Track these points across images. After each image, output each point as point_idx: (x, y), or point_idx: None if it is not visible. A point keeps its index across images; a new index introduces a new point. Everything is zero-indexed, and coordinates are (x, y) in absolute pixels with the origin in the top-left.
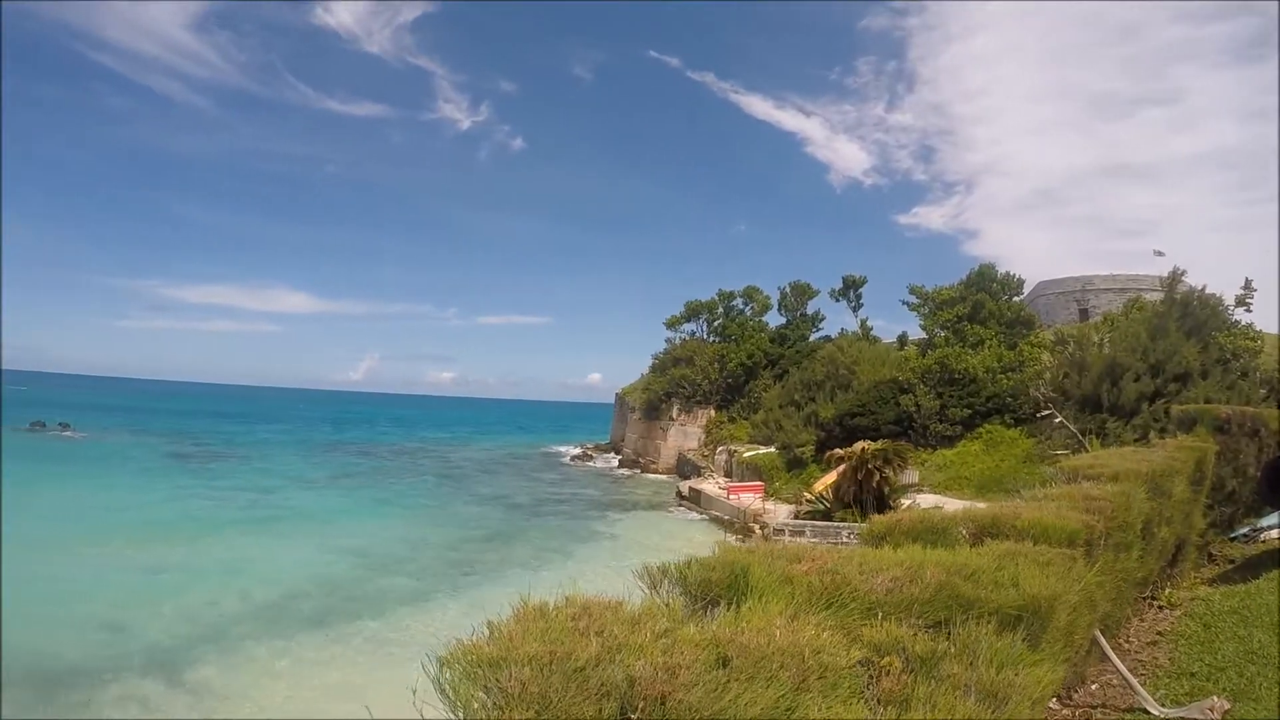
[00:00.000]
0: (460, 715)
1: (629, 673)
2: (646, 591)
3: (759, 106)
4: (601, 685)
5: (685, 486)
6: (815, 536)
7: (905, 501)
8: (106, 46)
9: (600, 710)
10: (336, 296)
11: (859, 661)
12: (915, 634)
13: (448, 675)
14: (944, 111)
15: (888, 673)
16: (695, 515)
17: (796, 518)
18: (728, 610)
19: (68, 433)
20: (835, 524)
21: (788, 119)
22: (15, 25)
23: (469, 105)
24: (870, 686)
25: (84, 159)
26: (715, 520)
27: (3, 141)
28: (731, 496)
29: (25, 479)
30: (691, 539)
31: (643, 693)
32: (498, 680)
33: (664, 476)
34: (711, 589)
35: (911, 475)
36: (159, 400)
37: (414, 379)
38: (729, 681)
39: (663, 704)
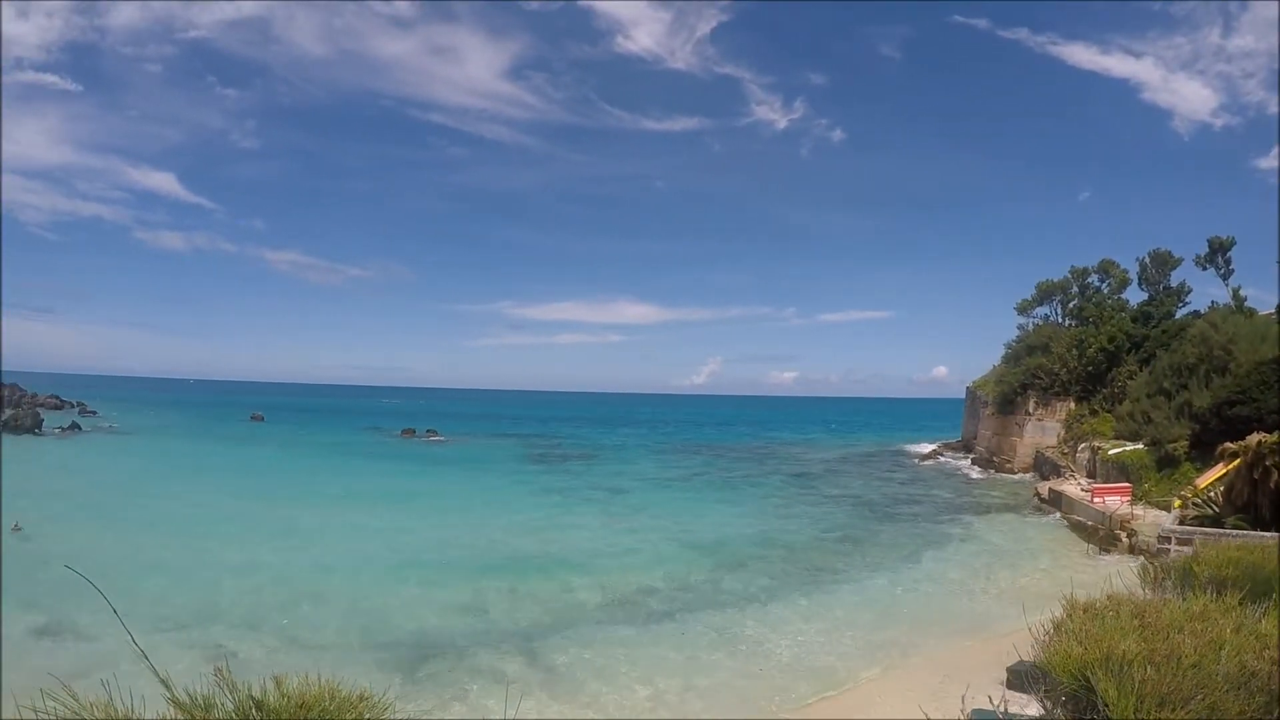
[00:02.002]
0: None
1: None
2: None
3: (1081, 55)
4: (1228, 679)
5: (1044, 488)
6: None
7: None
8: (435, 106)
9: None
10: (677, 305)
11: None
12: None
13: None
14: None
15: None
16: (1055, 520)
17: (1181, 523)
18: None
19: (435, 438)
20: (1233, 532)
21: (1115, 64)
22: (370, 104)
23: (782, 105)
24: None
25: (436, 205)
26: (1077, 526)
27: None
28: (1096, 500)
29: (395, 478)
30: (1052, 547)
31: None
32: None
33: (1020, 476)
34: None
35: None
36: (514, 408)
37: (756, 380)
38: None
39: None
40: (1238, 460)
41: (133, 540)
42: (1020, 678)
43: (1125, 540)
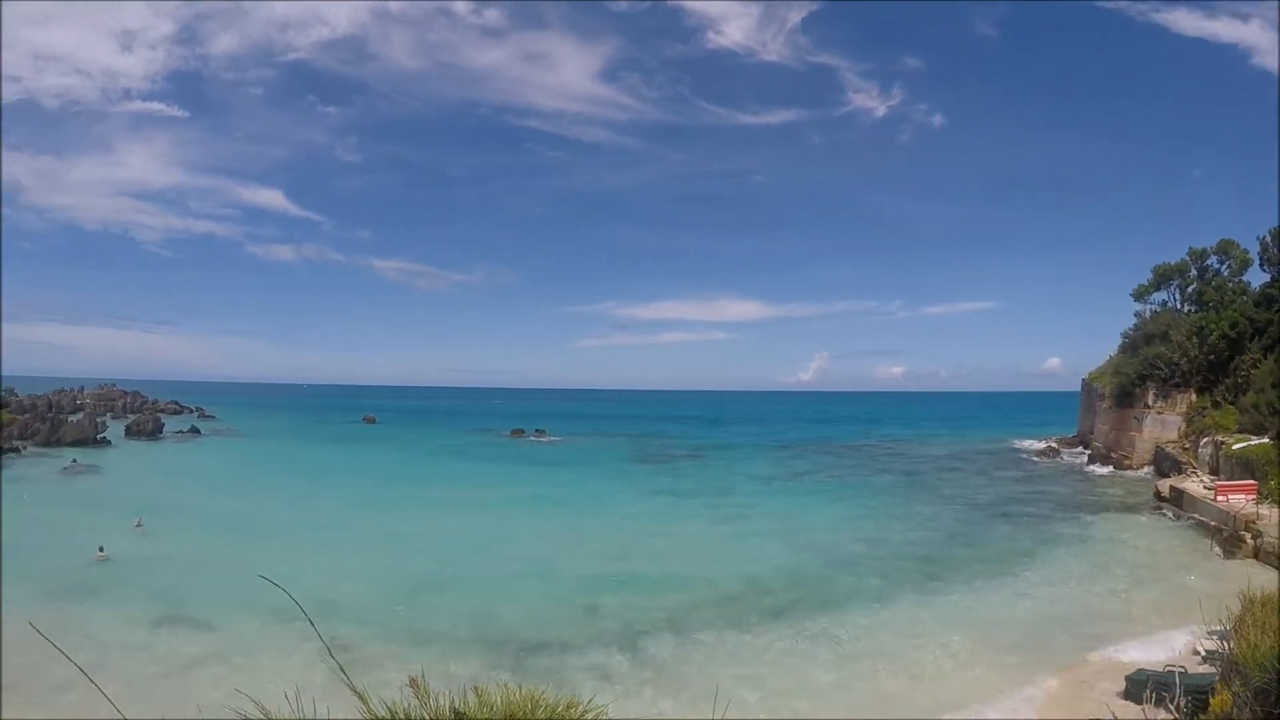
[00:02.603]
0: None
1: None
2: None
3: (1186, 21)
4: None
5: (1164, 485)
6: None
7: None
8: (532, 112)
9: None
10: (782, 301)
11: None
12: None
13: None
14: None
15: None
16: (1176, 519)
17: None
18: None
19: (544, 438)
20: None
21: (1222, 29)
22: (467, 114)
23: (879, 91)
24: None
25: (539, 209)
26: (1200, 526)
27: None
28: (1219, 498)
29: (504, 477)
30: (1173, 549)
31: None
32: None
33: (1139, 473)
34: None
35: None
36: (620, 407)
37: (864, 376)
38: None
39: None
40: None
41: (249, 537)
42: (1139, 686)
43: (1250, 542)
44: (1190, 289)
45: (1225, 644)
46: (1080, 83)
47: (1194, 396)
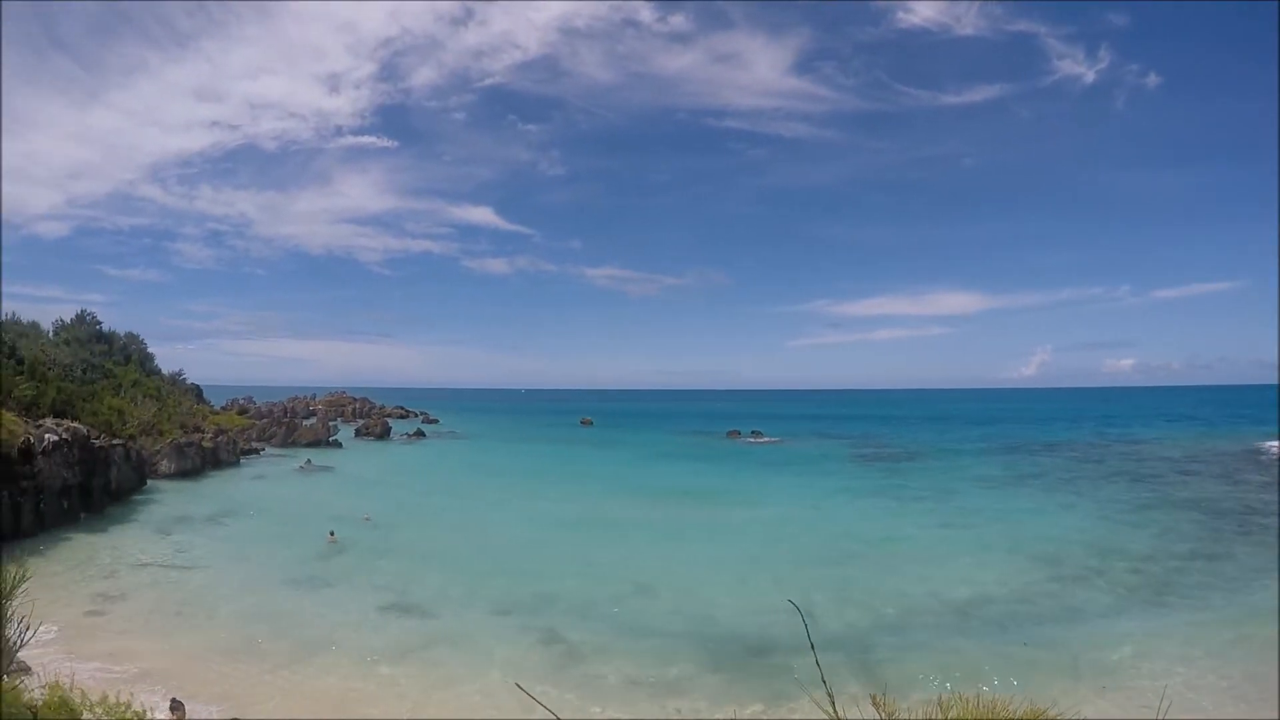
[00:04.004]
0: None
1: None
2: None
3: None
4: None
5: None
6: None
7: None
8: (729, 113)
9: None
10: (999, 291)
11: None
12: None
13: None
14: None
15: None
16: None
17: None
18: None
19: (759, 439)
20: None
21: None
22: (665, 119)
23: (1085, 55)
24: None
25: (745, 209)
26: None
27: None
28: None
29: (720, 478)
30: None
31: None
32: None
33: None
34: None
35: None
36: (835, 407)
37: (1090, 370)
38: None
39: None
40: None
41: (471, 530)
42: None
43: None
44: None
45: None
46: None
47: None
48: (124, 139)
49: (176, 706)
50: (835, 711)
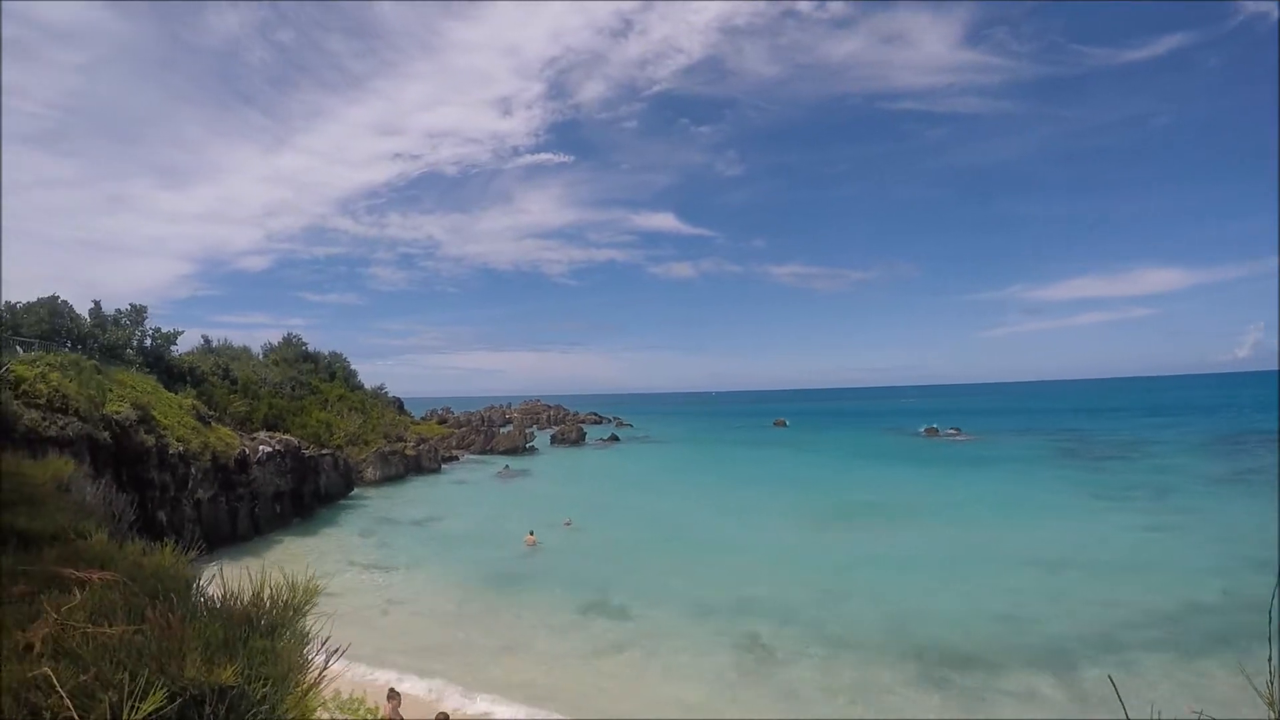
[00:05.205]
0: None
1: None
2: None
3: None
4: None
5: None
6: None
7: None
8: (902, 94)
9: None
10: (1205, 263)
11: None
12: None
13: None
14: None
15: None
16: None
17: None
18: None
19: (958, 436)
20: None
21: None
22: (836, 108)
23: None
24: None
25: (927, 193)
26: None
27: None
28: None
29: (921, 478)
30: None
31: None
32: None
33: None
34: None
35: None
36: (1034, 400)
37: None
38: None
39: None
40: None
41: (668, 533)
42: None
43: None
44: None
45: None
46: None
47: None
48: (314, 177)
49: (393, 695)
50: None
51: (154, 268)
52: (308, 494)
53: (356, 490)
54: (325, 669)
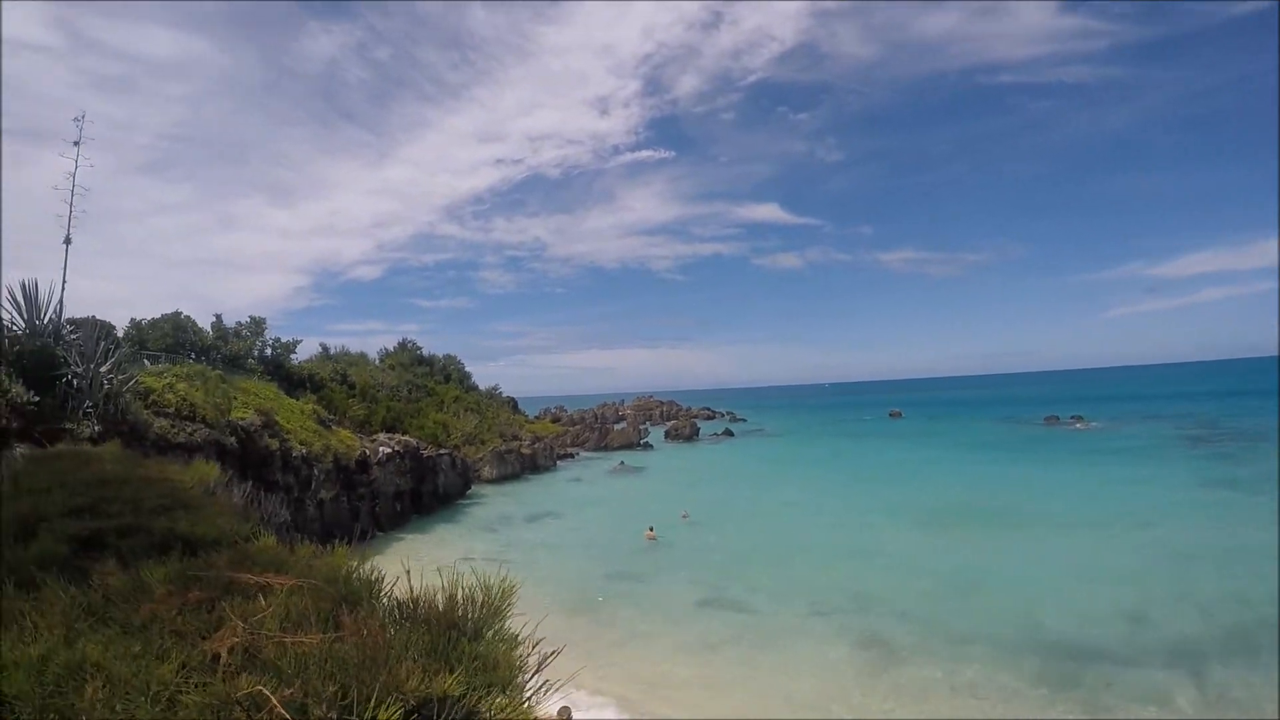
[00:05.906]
0: None
1: None
2: None
3: None
4: None
5: None
6: None
7: None
8: (1002, 67)
9: None
10: None
11: None
12: None
13: None
14: None
15: None
16: None
17: None
18: None
19: (1080, 425)
20: None
21: None
22: (937, 85)
23: None
24: None
25: (1036, 169)
26: None
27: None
28: None
29: (1045, 471)
30: None
31: None
32: None
33: None
34: None
35: None
36: (1160, 384)
37: None
38: None
39: None
40: None
41: (786, 527)
42: None
43: None
44: None
45: None
46: None
47: None
48: (419, 187)
49: (563, 711)
50: None
51: (270, 281)
52: (426, 493)
53: (474, 489)
54: (539, 672)
